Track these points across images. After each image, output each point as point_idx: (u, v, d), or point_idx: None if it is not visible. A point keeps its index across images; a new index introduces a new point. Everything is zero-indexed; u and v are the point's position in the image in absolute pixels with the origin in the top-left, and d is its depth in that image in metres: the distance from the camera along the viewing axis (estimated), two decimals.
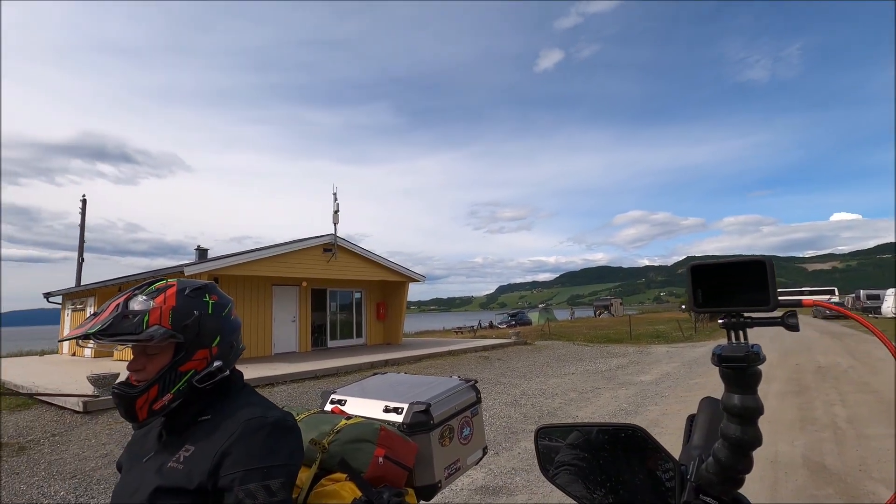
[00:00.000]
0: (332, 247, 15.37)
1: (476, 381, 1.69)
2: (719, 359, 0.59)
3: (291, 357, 14.28)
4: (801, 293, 71.90)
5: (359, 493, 1.10)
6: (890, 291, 35.73)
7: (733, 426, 0.60)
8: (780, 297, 0.58)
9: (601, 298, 67.36)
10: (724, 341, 0.63)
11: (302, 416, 1.37)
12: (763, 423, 0.60)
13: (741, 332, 0.61)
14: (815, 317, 37.13)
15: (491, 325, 40.98)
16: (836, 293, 61.82)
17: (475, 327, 33.32)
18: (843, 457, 4.95)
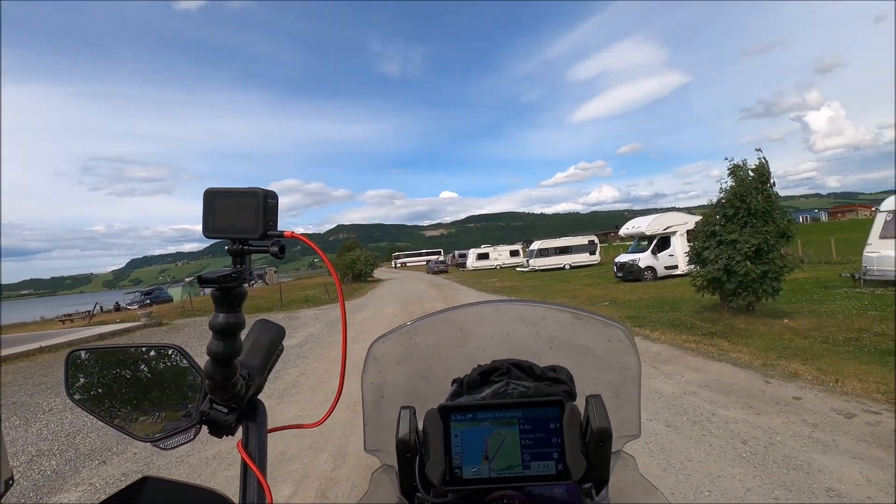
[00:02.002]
0: None
1: None
2: (201, 281, 0.63)
3: None
4: (420, 254, 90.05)
5: None
6: (471, 251, 49.11)
7: (217, 342, 0.64)
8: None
9: (254, 269, 65.71)
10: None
11: None
12: None
13: (244, 258, 0.65)
14: (427, 272, 47.28)
15: (117, 308, 33.99)
16: (442, 253, 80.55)
17: (92, 312, 26.78)
18: None
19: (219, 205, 0.63)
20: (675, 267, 19.37)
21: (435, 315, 0.98)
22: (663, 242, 19.88)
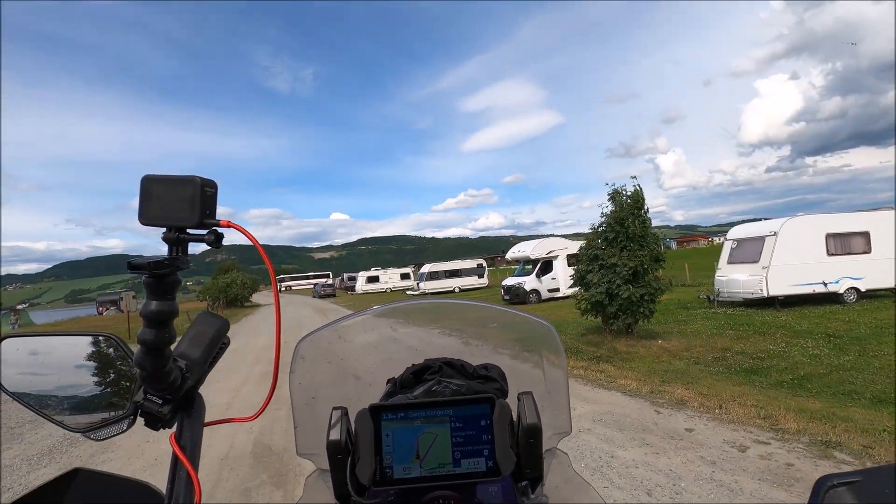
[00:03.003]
0: None
1: None
2: (131, 266, 0.60)
3: None
4: (307, 277, 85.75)
5: None
6: (361, 274, 47.38)
7: (148, 330, 0.60)
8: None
9: (107, 293, 57.05)
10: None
11: None
12: None
13: (179, 248, 0.63)
14: (313, 296, 44.63)
15: None
16: (331, 276, 77.52)
17: None
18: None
19: (155, 192, 0.62)
20: (557, 290, 20.10)
21: (364, 314, 0.96)
22: (546, 266, 20.57)
